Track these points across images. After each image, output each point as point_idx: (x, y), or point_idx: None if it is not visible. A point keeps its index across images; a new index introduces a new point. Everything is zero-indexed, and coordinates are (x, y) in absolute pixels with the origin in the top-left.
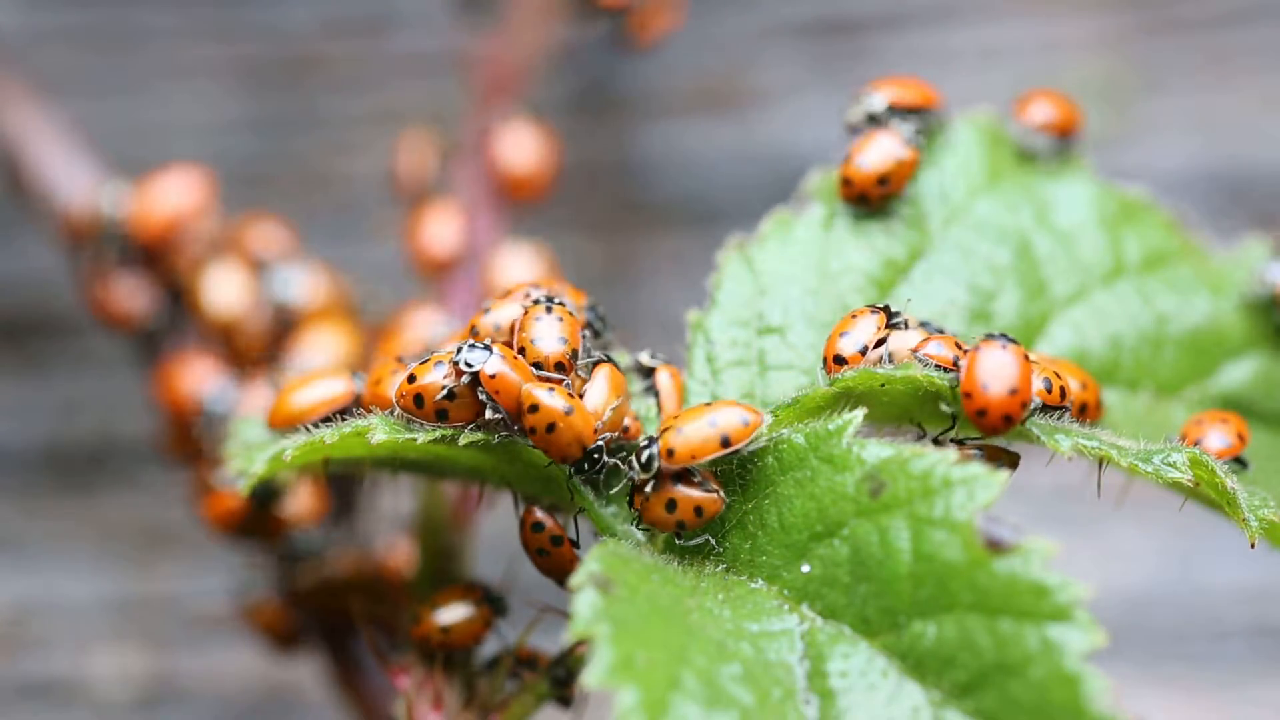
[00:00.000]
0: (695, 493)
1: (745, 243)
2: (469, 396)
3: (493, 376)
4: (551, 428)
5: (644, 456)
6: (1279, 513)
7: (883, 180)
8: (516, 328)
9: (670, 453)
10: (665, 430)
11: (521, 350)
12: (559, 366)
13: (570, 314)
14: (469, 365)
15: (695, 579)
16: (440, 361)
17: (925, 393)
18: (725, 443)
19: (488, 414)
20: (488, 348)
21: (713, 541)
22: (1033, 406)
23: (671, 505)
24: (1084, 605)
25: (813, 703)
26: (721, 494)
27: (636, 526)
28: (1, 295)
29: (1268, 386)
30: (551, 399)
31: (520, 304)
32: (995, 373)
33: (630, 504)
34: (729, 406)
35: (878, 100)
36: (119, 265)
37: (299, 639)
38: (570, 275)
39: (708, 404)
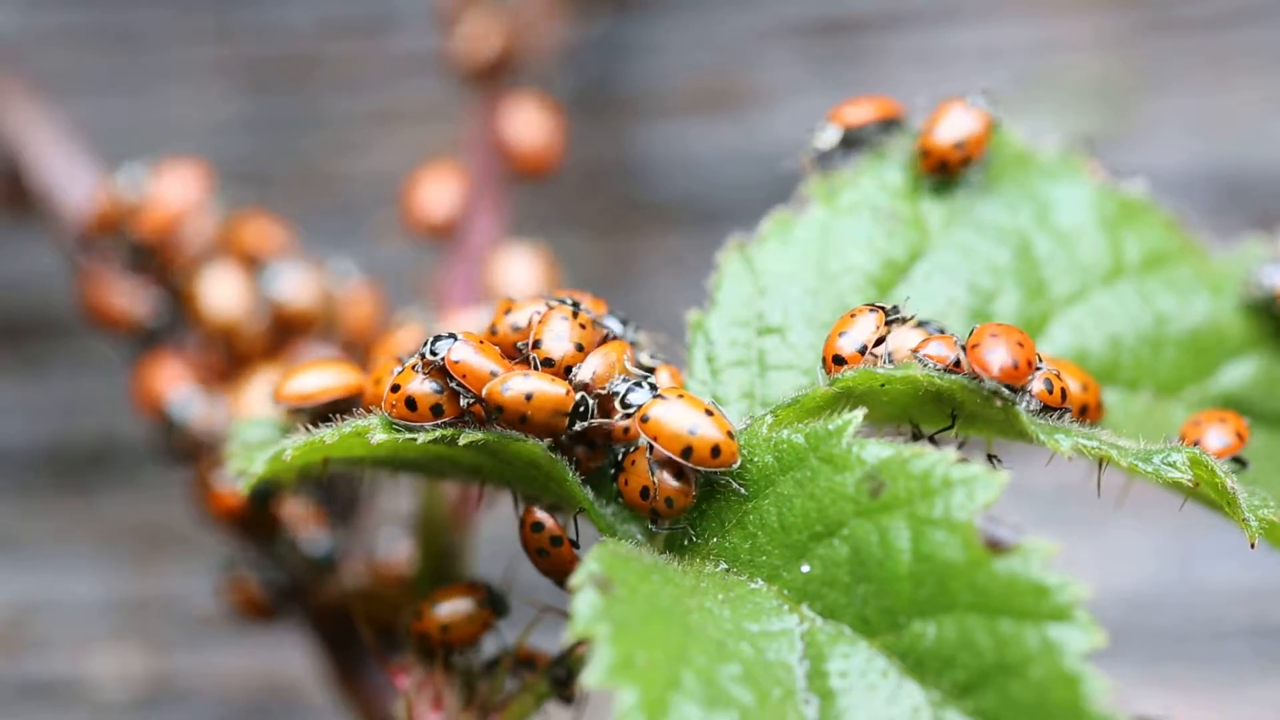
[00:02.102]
0: (673, 482)
1: (745, 243)
2: (450, 388)
3: (457, 362)
4: (524, 419)
5: (630, 397)
6: (1279, 513)
7: (959, 145)
8: (533, 325)
9: (645, 419)
10: (658, 398)
11: (537, 343)
12: (568, 370)
13: (592, 322)
14: (435, 354)
15: (695, 579)
16: (417, 365)
17: (925, 393)
18: (686, 453)
19: (461, 402)
20: (453, 336)
21: (712, 541)
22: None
23: (646, 492)
24: (1084, 605)
25: (812, 703)
26: (693, 488)
27: (617, 499)
28: (1, 295)
29: (1268, 386)
30: (509, 393)
31: (542, 305)
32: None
33: (613, 480)
34: (717, 429)
35: (831, 134)
36: (125, 261)
37: (277, 614)
38: (570, 275)
39: (709, 410)
